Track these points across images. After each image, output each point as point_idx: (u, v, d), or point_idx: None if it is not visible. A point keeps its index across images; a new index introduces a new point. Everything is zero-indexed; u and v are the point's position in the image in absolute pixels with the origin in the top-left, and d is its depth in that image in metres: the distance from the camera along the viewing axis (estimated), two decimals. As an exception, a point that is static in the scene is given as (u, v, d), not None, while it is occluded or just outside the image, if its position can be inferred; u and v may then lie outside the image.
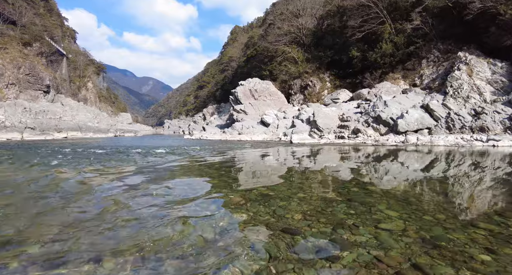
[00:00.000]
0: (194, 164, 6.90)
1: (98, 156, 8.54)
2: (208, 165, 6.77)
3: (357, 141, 15.25)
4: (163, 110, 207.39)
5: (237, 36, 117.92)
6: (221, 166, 6.70)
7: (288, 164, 7.11)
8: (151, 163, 6.98)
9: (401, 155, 8.93)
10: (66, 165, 6.40)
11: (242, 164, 7.31)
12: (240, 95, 28.13)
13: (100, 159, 7.73)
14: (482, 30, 22.62)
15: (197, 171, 5.89)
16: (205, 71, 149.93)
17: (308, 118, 18.99)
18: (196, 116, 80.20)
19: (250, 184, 4.40)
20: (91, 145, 14.40)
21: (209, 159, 8.13)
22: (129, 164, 6.61)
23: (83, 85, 59.86)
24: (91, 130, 29.93)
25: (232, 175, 5.41)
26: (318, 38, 40.73)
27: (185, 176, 5.27)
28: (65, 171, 5.48)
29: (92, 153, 9.42)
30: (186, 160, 7.72)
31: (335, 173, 5.48)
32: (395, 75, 26.78)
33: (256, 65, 48.45)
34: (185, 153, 9.90)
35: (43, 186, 4.07)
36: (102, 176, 4.89)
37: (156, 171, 5.76)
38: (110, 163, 6.78)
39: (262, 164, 7.35)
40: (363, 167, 6.31)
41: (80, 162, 6.99)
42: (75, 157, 8.06)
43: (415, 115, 14.54)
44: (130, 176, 4.99)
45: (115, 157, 8.22)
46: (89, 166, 6.18)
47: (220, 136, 22.45)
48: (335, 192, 3.72)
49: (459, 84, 17.57)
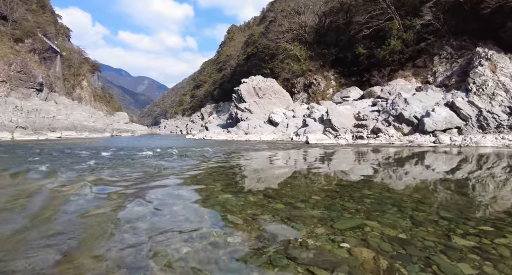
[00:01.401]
0: (224, 170, 5.51)
1: (100, 158, 7.11)
2: (248, 172, 5.39)
3: (379, 141, 13.99)
4: (159, 110, 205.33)
5: (234, 35, 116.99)
6: (269, 174, 5.33)
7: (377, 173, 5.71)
8: (170, 169, 5.58)
9: (466, 161, 7.43)
10: (64, 172, 4.98)
11: (296, 172, 5.94)
12: (244, 94, 26.72)
13: (103, 163, 6.30)
14: (498, 25, 21.63)
15: (243, 181, 4.52)
16: (201, 70, 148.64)
17: (321, 117, 17.69)
18: (193, 115, 78.61)
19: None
20: (89, 146, 12.88)
21: (233, 162, 6.75)
22: (142, 171, 5.20)
23: (78, 83, 57.77)
24: (86, 130, 28.18)
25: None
26: (321, 36, 39.53)
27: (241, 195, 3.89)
28: (63, 182, 4.06)
29: (94, 155, 7.97)
30: (208, 164, 6.33)
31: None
32: (405, 73, 25.64)
33: (256, 63, 47.04)
34: (199, 155, 8.50)
35: (30, 215, 2.65)
36: (118, 193, 3.48)
37: (189, 181, 4.37)
38: (118, 170, 5.36)
39: (335, 171, 6.00)
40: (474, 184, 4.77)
41: (81, 167, 5.56)
42: (74, 162, 6.61)
43: (442, 113, 13.33)
44: (158, 192, 3.59)
45: (119, 161, 6.78)
46: (93, 174, 4.77)
47: (225, 136, 21.02)
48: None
49: (483, 80, 16.42)
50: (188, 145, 13.92)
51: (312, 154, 9.26)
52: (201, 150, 10.66)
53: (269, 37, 44.29)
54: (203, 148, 11.68)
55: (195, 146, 13.48)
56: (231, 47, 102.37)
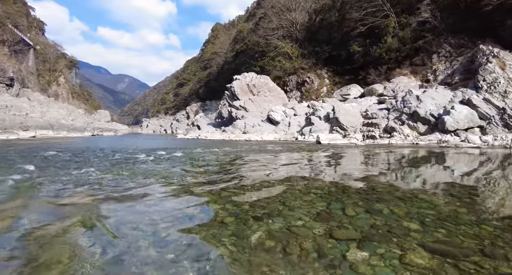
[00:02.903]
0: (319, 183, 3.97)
1: (87, 163, 5.35)
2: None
3: (395, 141, 12.86)
4: (140, 108, 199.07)
5: (218, 34, 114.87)
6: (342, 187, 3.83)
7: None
8: (193, 179, 3.96)
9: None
10: (46, 185, 3.27)
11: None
12: (237, 91, 25.07)
13: (94, 169, 4.56)
14: (497, 23, 21.25)
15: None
16: (184, 68, 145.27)
17: (326, 115, 16.43)
18: (178, 114, 75.87)
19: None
20: (69, 147, 10.86)
21: (275, 169, 5.22)
22: (152, 184, 3.57)
23: (54, 80, 53.67)
24: (64, 129, 25.46)
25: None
26: (312, 33, 38.50)
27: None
28: (51, 200, 2.39)
29: (84, 159, 6.15)
30: (273, 174, 4.76)
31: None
32: (402, 71, 24.95)
33: (245, 60, 45.39)
34: (209, 159, 6.88)
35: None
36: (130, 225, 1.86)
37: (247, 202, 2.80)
38: (117, 182, 3.68)
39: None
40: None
41: (68, 178, 3.84)
42: (56, 167, 4.81)
43: (463, 111, 12.37)
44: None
45: (114, 166, 5.04)
46: (88, 188, 3.10)
47: (221, 135, 19.32)
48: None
49: (494, 78, 15.75)
50: (186, 146, 12.17)
51: (359, 156, 7.87)
52: (208, 151, 9.01)
53: (259, 34, 42.78)
54: (208, 148, 10.02)
55: (194, 146, 11.76)
56: (216, 45, 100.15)
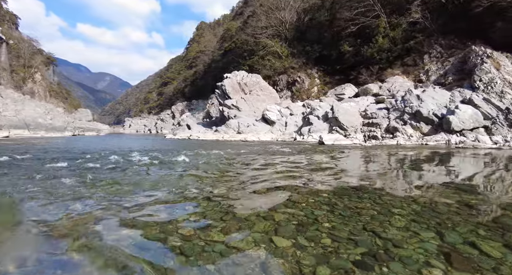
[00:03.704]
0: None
1: (80, 168, 4.33)
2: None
3: (402, 141, 12.40)
4: (122, 108, 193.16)
5: (203, 32, 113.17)
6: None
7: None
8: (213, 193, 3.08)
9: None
10: (28, 202, 2.31)
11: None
12: (229, 89, 24.11)
13: (90, 178, 3.59)
14: (487, 25, 21.43)
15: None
16: (168, 67, 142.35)
17: (325, 115, 15.83)
18: (162, 114, 73.68)
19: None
20: (47, 148, 9.60)
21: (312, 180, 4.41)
22: (173, 202, 2.68)
23: (30, 76, 50.44)
24: (42, 129, 23.50)
25: None
26: (301, 33, 38.07)
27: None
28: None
29: (74, 163, 5.09)
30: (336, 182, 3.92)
31: None
32: (394, 71, 24.86)
33: (233, 59, 44.37)
34: (223, 163, 6.00)
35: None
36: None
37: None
38: (126, 198, 2.75)
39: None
40: None
41: (57, 191, 2.87)
42: (47, 177, 3.78)
43: (468, 111, 12.08)
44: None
45: (112, 173, 4.06)
46: (93, 208, 2.18)
47: (214, 136, 18.32)
48: None
49: (490, 78, 15.68)
50: (181, 147, 11.15)
51: (386, 158, 7.19)
52: (211, 154, 8.09)
53: (247, 32, 41.90)
54: (207, 150, 9.09)
55: (190, 148, 10.77)
56: (201, 44, 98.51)
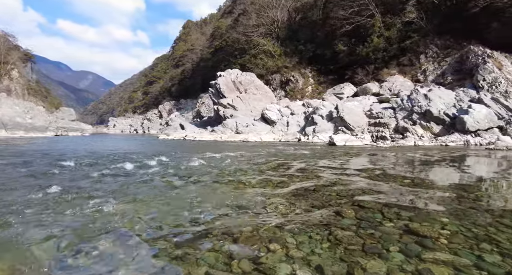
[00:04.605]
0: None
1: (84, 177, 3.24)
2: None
3: (420, 142, 11.79)
4: (105, 107, 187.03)
5: (190, 31, 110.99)
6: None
7: None
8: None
9: None
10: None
11: None
12: (223, 88, 23.01)
13: (110, 199, 2.55)
14: (483, 25, 21.38)
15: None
16: (154, 66, 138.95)
17: (329, 114, 15.09)
18: (149, 113, 71.33)
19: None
20: (26, 150, 8.29)
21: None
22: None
23: (6, 73, 47.24)
24: (21, 128, 21.51)
25: None
26: (294, 32, 37.40)
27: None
28: None
29: (66, 170, 3.96)
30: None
31: None
32: (390, 71, 24.55)
33: (224, 57, 43.17)
34: (254, 169, 5.04)
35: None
36: None
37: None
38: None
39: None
40: None
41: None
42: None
43: (482, 111, 11.63)
44: None
45: (123, 187, 3.01)
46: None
47: (211, 136, 17.21)
48: None
49: (494, 78, 15.44)
50: (187, 149, 10.06)
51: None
52: (227, 157, 7.09)
53: (238, 30, 40.83)
54: (219, 153, 8.07)
55: (194, 150, 9.70)
56: (187, 42, 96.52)
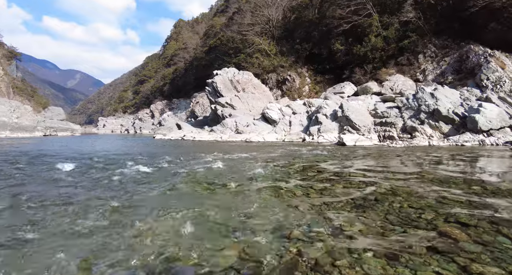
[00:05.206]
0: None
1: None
2: None
3: (435, 142, 11.38)
4: (94, 107, 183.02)
5: (181, 30, 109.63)
6: None
7: None
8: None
9: None
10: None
11: None
12: (220, 87, 22.28)
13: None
14: (480, 26, 21.33)
15: None
16: (144, 65, 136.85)
17: (333, 114, 14.59)
18: (140, 113, 69.73)
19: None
20: (12, 153, 7.43)
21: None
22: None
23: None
24: (7, 128, 20.18)
25: None
26: (289, 31, 36.93)
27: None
28: None
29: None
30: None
31: None
32: (389, 70, 24.30)
33: (218, 56, 42.33)
34: (283, 171, 4.42)
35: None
36: None
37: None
38: None
39: None
40: None
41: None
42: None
43: (495, 110, 11.32)
44: None
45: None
46: None
47: (210, 136, 16.47)
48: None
49: (498, 77, 15.26)
50: (192, 150, 9.34)
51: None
52: (240, 158, 6.43)
53: (233, 29, 40.10)
54: (231, 154, 7.40)
55: (199, 150, 9.00)
56: (179, 41, 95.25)
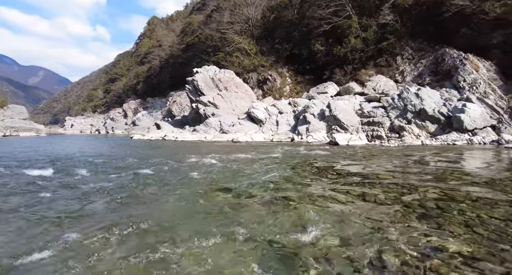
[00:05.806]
0: None
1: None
2: None
3: (428, 141, 11.46)
4: (60, 106, 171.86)
5: (155, 28, 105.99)
6: None
7: None
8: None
9: None
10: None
11: None
12: (201, 85, 21.40)
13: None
14: (452, 31, 22.23)
15: None
16: (116, 63, 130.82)
17: (321, 113, 14.38)
18: (112, 112, 66.21)
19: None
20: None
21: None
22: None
23: None
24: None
25: None
26: (269, 31, 36.69)
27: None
28: None
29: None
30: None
31: None
32: (368, 72, 24.75)
33: (195, 55, 41.11)
34: (302, 175, 3.89)
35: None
36: None
37: None
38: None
39: None
40: None
41: None
42: None
43: (478, 110, 11.66)
44: None
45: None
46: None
47: (194, 136, 15.60)
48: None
49: (473, 79, 15.88)
50: (181, 151, 8.56)
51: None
52: (240, 160, 5.84)
53: (211, 27, 39.14)
54: (227, 155, 6.77)
55: (188, 152, 8.26)
56: (152, 39, 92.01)
